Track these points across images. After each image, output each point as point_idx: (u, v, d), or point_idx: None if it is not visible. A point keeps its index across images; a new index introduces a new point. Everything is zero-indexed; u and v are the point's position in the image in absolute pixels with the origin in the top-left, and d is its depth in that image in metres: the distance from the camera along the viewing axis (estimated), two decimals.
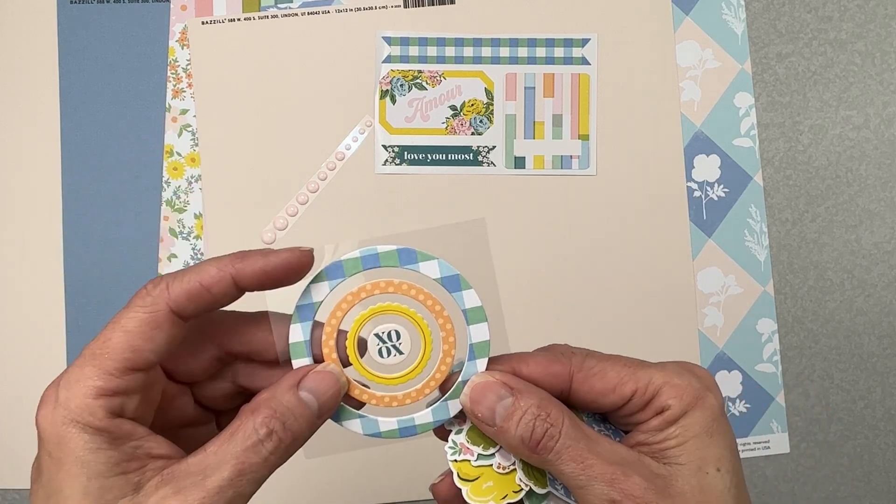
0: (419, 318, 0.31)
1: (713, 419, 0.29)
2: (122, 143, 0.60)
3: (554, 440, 0.29)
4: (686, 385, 0.30)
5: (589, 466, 0.28)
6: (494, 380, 0.30)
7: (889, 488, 0.62)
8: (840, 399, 0.62)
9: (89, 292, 0.60)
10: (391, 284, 0.31)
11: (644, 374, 0.30)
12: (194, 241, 0.60)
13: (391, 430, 0.31)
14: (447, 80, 0.61)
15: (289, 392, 0.29)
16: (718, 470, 0.29)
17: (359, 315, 0.31)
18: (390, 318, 0.31)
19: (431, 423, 0.31)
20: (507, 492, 0.31)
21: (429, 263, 0.30)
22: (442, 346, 0.31)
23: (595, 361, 0.31)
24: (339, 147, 0.61)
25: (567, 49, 0.61)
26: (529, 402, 0.29)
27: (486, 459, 0.31)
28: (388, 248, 0.30)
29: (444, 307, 0.31)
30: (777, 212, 0.62)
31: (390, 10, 0.61)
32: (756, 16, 0.63)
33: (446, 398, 0.31)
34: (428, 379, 0.31)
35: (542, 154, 0.61)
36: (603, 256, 0.61)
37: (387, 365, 0.31)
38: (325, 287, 0.30)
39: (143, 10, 0.61)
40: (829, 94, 0.63)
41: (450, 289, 0.31)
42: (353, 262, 0.30)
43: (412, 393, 0.31)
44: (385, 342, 0.31)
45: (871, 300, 0.62)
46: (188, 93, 0.61)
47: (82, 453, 0.26)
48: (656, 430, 0.30)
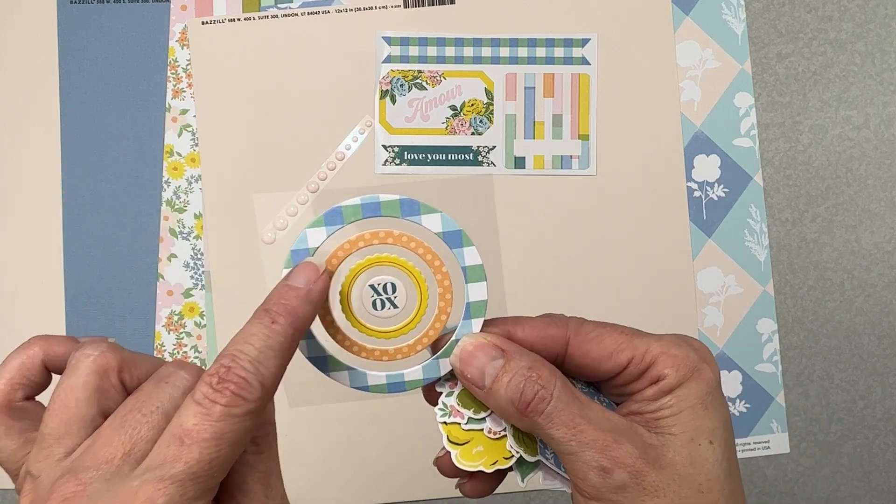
0: (417, 271, 0.30)
1: (708, 391, 0.29)
2: (122, 143, 0.60)
3: (545, 402, 0.28)
4: (683, 356, 0.29)
5: (580, 432, 0.28)
6: (486, 341, 0.29)
7: (889, 488, 0.62)
8: (840, 399, 0.62)
9: (89, 292, 0.60)
10: (390, 235, 0.29)
11: (641, 342, 0.30)
12: (194, 241, 0.60)
13: (379, 384, 0.30)
14: (447, 80, 0.61)
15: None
16: (711, 442, 0.28)
17: (355, 264, 0.30)
18: (387, 270, 0.30)
19: (421, 381, 0.31)
20: (498, 458, 0.31)
21: (431, 216, 0.29)
22: (438, 302, 0.30)
23: (592, 327, 0.30)
24: (339, 147, 0.61)
25: (567, 49, 0.61)
26: (520, 363, 0.29)
27: (477, 423, 0.31)
28: (390, 197, 0.29)
29: (444, 263, 0.30)
30: (777, 212, 0.62)
31: (390, 10, 0.61)
32: (756, 16, 0.63)
33: (438, 356, 0.30)
34: (421, 335, 0.31)
35: (542, 154, 0.61)
36: (603, 256, 0.61)
37: (380, 318, 0.30)
38: (321, 233, 0.29)
39: (143, 10, 0.61)
40: (829, 94, 0.63)
41: (451, 244, 0.30)
42: (353, 209, 0.29)
43: (403, 348, 0.31)
44: (380, 294, 0.30)
45: (871, 300, 0.62)
46: (188, 93, 0.61)
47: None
48: (650, 399, 0.29)
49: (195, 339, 0.60)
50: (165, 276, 0.60)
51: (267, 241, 0.60)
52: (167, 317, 0.60)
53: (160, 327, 0.60)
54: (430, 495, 0.59)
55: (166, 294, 0.60)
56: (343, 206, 0.29)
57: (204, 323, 0.60)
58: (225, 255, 0.60)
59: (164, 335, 0.60)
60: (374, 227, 0.29)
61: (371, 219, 0.29)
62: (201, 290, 0.60)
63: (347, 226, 0.29)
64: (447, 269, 0.30)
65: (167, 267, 0.60)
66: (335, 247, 0.30)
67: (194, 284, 0.60)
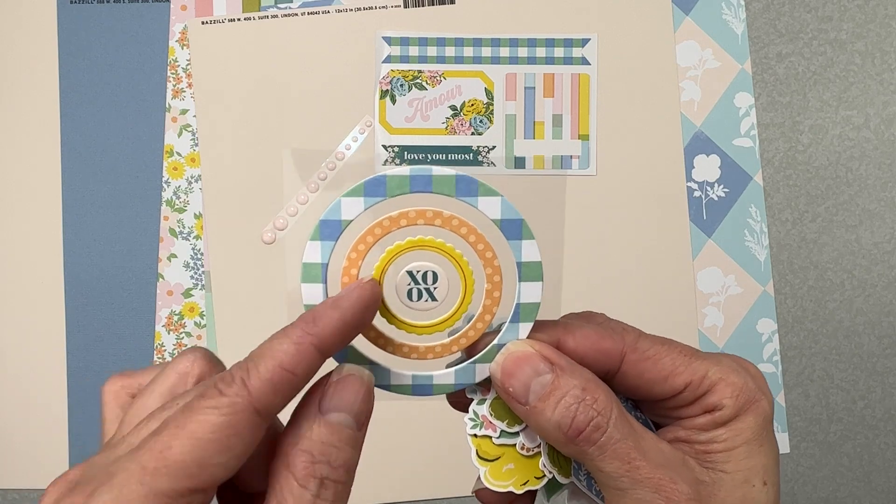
0: (464, 262, 0.26)
1: (764, 426, 0.27)
2: (122, 143, 0.60)
3: (600, 431, 0.25)
4: (742, 384, 0.27)
5: (635, 469, 0.25)
6: (534, 350, 0.26)
7: (889, 488, 0.62)
8: (840, 399, 0.62)
9: (89, 292, 0.60)
10: (439, 216, 0.25)
11: (700, 365, 0.27)
12: (194, 241, 0.60)
13: (403, 385, 0.27)
14: (447, 80, 0.61)
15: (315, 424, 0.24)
16: (765, 483, 0.26)
17: (393, 245, 0.26)
18: (430, 256, 0.26)
19: (452, 386, 0.27)
20: (529, 477, 0.27)
21: (490, 200, 0.25)
22: (484, 300, 0.26)
23: (649, 343, 0.27)
24: (339, 147, 0.61)
25: (567, 49, 0.61)
26: (572, 382, 0.25)
27: (510, 438, 0.28)
28: (445, 172, 0.25)
29: (497, 255, 0.26)
30: (777, 212, 0.62)
31: (390, 10, 0.61)
32: (756, 16, 0.63)
33: (475, 360, 0.27)
34: (459, 335, 0.27)
35: (542, 154, 0.61)
36: (603, 256, 0.61)
37: (415, 309, 0.26)
38: (359, 204, 0.25)
39: (143, 10, 0.61)
40: (829, 94, 0.63)
41: (508, 235, 0.26)
42: (400, 181, 0.25)
43: (436, 347, 0.27)
44: (418, 283, 0.26)
45: (871, 300, 0.62)
46: (188, 93, 0.61)
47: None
48: (702, 429, 0.27)
49: (195, 339, 0.60)
50: (165, 276, 0.60)
51: (267, 241, 0.60)
52: (167, 317, 0.60)
53: (160, 327, 0.60)
54: (431, 495, 0.59)
55: (166, 294, 0.60)
56: (388, 176, 0.25)
57: (204, 323, 0.60)
58: (225, 255, 0.60)
59: (164, 335, 0.60)
60: (420, 204, 0.26)
61: (419, 194, 0.25)
62: (201, 290, 0.60)
63: (390, 199, 0.25)
64: (499, 262, 0.26)
65: (167, 267, 0.60)
66: (373, 223, 0.25)
67: (194, 284, 0.60)
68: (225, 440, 0.22)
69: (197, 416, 0.22)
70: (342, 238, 0.26)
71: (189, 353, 0.27)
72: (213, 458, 0.22)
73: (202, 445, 0.21)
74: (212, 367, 0.27)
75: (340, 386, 0.25)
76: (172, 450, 0.21)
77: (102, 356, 0.60)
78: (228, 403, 0.22)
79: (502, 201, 0.26)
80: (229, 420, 0.22)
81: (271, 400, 0.23)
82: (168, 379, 0.27)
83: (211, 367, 0.27)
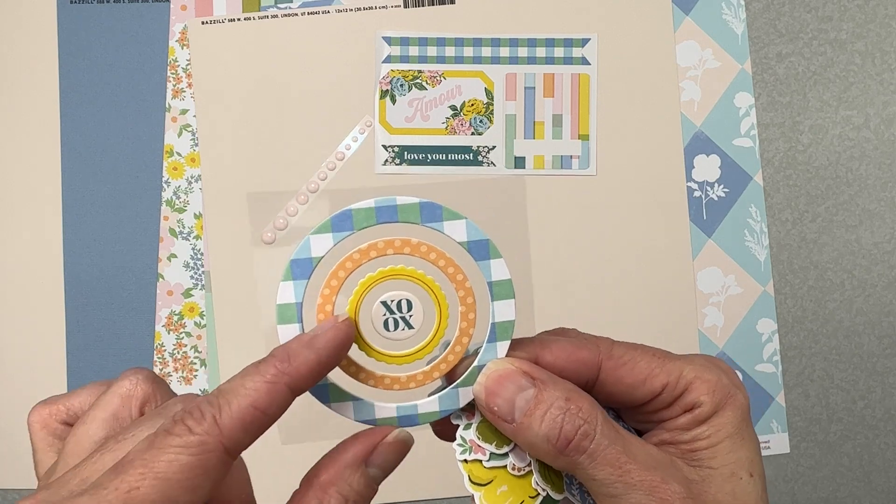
0: (437, 287, 0.26)
1: (743, 419, 0.27)
2: (122, 143, 0.61)
3: (589, 439, 0.25)
4: (716, 381, 0.27)
5: (626, 472, 0.25)
6: (514, 367, 0.26)
7: (889, 488, 0.62)
8: (840, 399, 0.62)
9: (89, 292, 0.60)
10: (407, 244, 0.26)
11: (674, 366, 0.27)
12: (194, 241, 0.60)
13: (388, 417, 0.27)
14: (447, 80, 0.61)
15: (358, 474, 0.25)
16: (751, 475, 0.27)
17: (366, 277, 0.26)
18: (402, 285, 0.26)
19: (438, 413, 0.27)
20: (524, 497, 0.27)
21: (455, 223, 0.26)
22: (459, 322, 0.27)
23: (624, 349, 0.28)
24: (339, 147, 0.61)
25: (567, 49, 0.61)
26: (555, 394, 0.26)
27: (500, 459, 0.27)
28: (408, 200, 0.26)
29: (467, 277, 0.26)
30: (777, 212, 0.62)
31: (390, 10, 0.61)
32: (756, 16, 0.63)
33: (457, 385, 0.27)
34: (438, 361, 0.27)
35: (542, 154, 0.61)
36: (603, 257, 0.61)
37: (392, 340, 0.27)
38: (328, 240, 0.25)
39: (143, 10, 0.61)
40: (829, 94, 0.63)
41: (476, 256, 0.26)
42: (366, 214, 0.25)
43: (418, 376, 0.27)
44: (393, 312, 0.26)
45: (871, 300, 0.62)
46: (188, 93, 0.61)
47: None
48: (684, 428, 0.27)
49: (195, 339, 0.60)
50: (165, 276, 0.60)
51: (267, 241, 0.60)
52: (167, 317, 0.60)
53: (160, 327, 0.60)
54: (431, 495, 0.59)
55: (166, 294, 0.60)
56: (354, 210, 0.25)
57: (204, 323, 0.60)
58: (225, 255, 0.60)
59: (164, 335, 0.60)
60: (388, 234, 0.26)
61: (386, 224, 0.26)
62: (201, 290, 0.60)
63: (358, 232, 0.26)
64: (470, 284, 0.26)
65: (167, 267, 0.60)
66: (343, 257, 0.26)
67: (194, 284, 0.60)
68: (195, 479, 0.22)
69: (166, 456, 0.21)
70: (314, 275, 0.26)
71: (130, 374, 0.27)
72: (181, 497, 0.21)
73: (171, 486, 0.21)
74: (155, 388, 0.27)
75: (393, 448, 0.26)
76: (140, 491, 0.21)
77: (102, 356, 0.60)
78: (199, 442, 0.22)
79: (467, 223, 0.26)
80: (199, 460, 0.22)
81: (242, 438, 0.23)
82: (110, 404, 0.26)
83: (154, 389, 0.27)
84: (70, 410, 0.28)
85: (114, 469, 0.22)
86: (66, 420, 0.28)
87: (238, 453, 0.23)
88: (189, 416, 0.22)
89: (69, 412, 0.28)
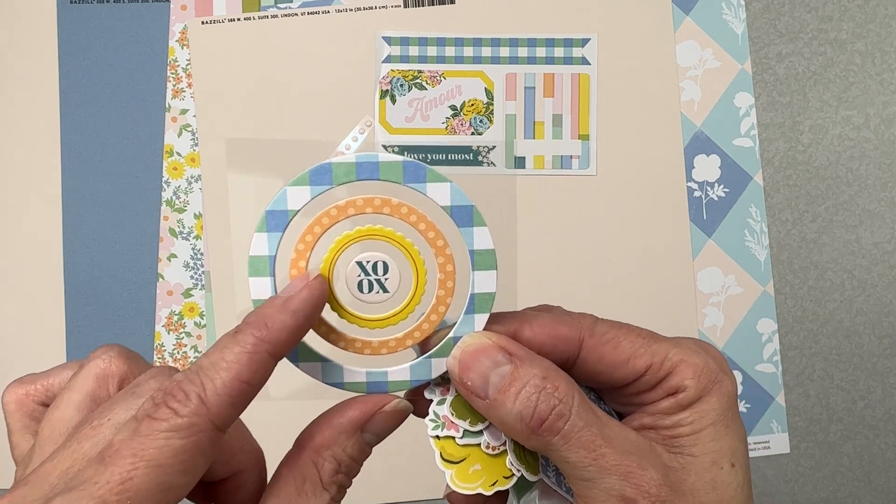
0: (415, 251, 0.25)
1: (729, 407, 0.26)
2: (122, 143, 0.60)
3: (563, 420, 0.24)
4: (703, 365, 0.26)
5: (601, 456, 0.24)
6: (491, 342, 0.25)
7: (889, 488, 0.62)
8: (840, 399, 0.62)
9: (89, 292, 0.60)
10: (387, 204, 0.25)
11: (660, 347, 0.26)
12: (194, 241, 0.60)
13: (357, 382, 0.26)
14: (447, 80, 0.61)
15: (353, 440, 0.25)
16: (733, 465, 0.26)
17: (342, 235, 0.25)
18: (380, 246, 0.25)
19: (408, 382, 0.26)
20: (497, 477, 0.26)
21: (439, 186, 0.25)
22: (437, 290, 0.26)
23: (607, 327, 0.27)
24: (339, 147, 0.61)
25: (567, 49, 0.61)
26: (532, 372, 0.25)
27: (474, 437, 0.26)
28: (392, 158, 0.24)
29: (449, 243, 0.25)
30: (777, 212, 0.62)
31: (390, 10, 0.61)
32: (756, 16, 0.63)
33: (430, 355, 0.26)
34: (412, 328, 0.26)
35: (542, 154, 0.61)
36: (603, 257, 0.61)
37: (366, 302, 0.25)
38: (305, 193, 0.25)
39: (143, 10, 0.61)
40: (829, 94, 0.63)
41: (459, 222, 0.25)
42: (346, 169, 0.24)
43: (390, 342, 0.26)
44: (369, 274, 0.25)
45: (871, 300, 0.62)
46: (188, 93, 0.61)
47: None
48: (666, 413, 0.26)
49: (195, 339, 0.60)
50: (165, 276, 0.60)
51: None
52: (167, 317, 0.60)
53: (160, 327, 0.60)
54: (430, 495, 0.59)
55: (166, 294, 0.60)
56: (333, 164, 0.24)
57: (204, 323, 0.60)
58: (225, 255, 0.60)
59: (164, 335, 0.60)
60: (368, 192, 0.25)
61: (366, 181, 0.25)
62: (201, 290, 0.60)
63: (337, 188, 0.25)
64: (451, 251, 0.25)
65: (167, 267, 0.60)
66: (320, 212, 0.25)
67: (194, 284, 0.60)
68: (189, 461, 0.21)
69: (156, 442, 0.21)
70: (289, 229, 0.25)
71: (101, 352, 0.26)
72: (177, 480, 0.21)
73: (165, 472, 0.21)
74: (131, 364, 0.26)
75: (392, 417, 0.25)
76: (134, 481, 0.20)
77: None
78: (188, 425, 0.21)
79: (451, 187, 0.25)
80: (191, 442, 0.21)
81: (230, 413, 0.22)
82: (85, 385, 0.25)
83: (130, 365, 0.26)
84: (49, 391, 0.27)
85: (99, 460, 0.21)
86: (43, 401, 0.27)
87: (228, 427, 0.23)
88: (172, 397, 0.22)
89: (48, 392, 0.27)
